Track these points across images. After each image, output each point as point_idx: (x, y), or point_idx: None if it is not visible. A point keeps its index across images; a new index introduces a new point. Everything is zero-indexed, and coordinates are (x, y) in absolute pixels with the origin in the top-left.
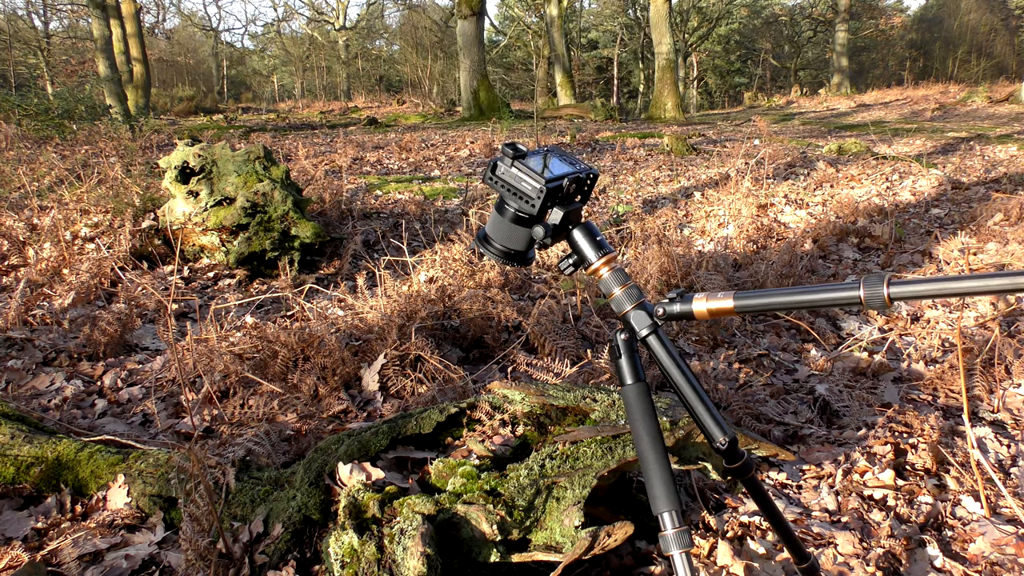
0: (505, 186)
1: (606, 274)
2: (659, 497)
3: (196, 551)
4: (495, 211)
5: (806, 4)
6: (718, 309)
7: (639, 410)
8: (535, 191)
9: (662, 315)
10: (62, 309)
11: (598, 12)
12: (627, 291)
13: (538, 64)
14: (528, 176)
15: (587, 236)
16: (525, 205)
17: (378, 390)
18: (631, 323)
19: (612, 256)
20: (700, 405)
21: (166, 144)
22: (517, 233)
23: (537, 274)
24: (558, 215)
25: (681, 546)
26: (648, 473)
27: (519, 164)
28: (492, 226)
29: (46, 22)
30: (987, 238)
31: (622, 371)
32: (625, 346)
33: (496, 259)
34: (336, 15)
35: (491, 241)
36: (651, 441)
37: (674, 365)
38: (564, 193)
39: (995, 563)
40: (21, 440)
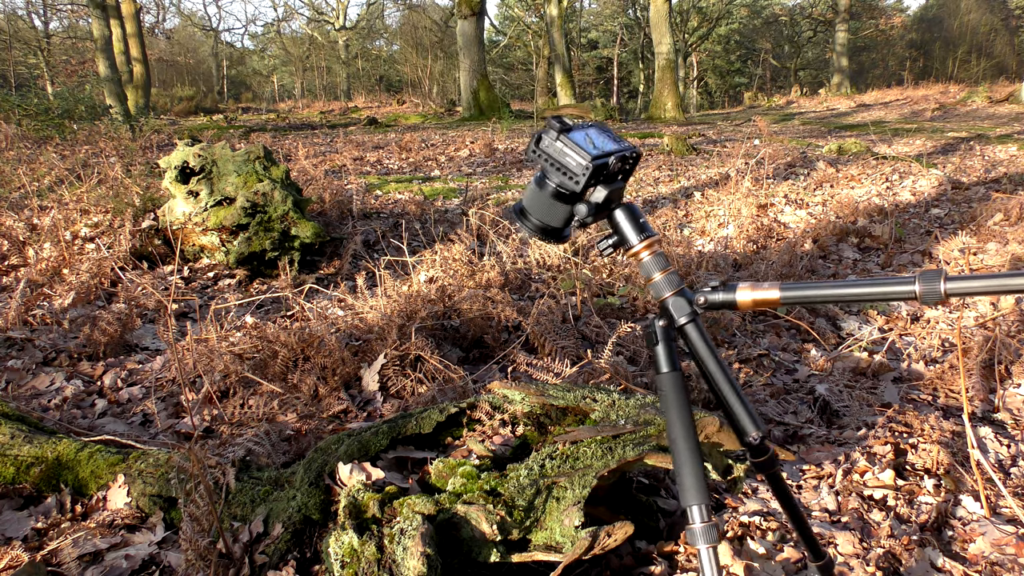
0: (548, 160)
1: (647, 258)
2: (689, 489)
3: (196, 551)
4: (534, 184)
5: (806, 4)
6: (763, 300)
7: (674, 399)
8: (580, 167)
9: (703, 304)
10: (62, 309)
11: (598, 12)
12: (667, 277)
13: (538, 64)
14: (574, 151)
15: (629, 217)
16: (568, 181)
17: (378, 390)
18: (670, 310)
19: (654, 239)
20: (735, 398)
21: (166, 144)
22: (556, 209)
23: (537, 274)
24: (601, 194)
25: (708, 541)
26: (679, 464)
27: (565, 138)
28: (530, 200)
29: (46, 22)
30: (987, 238)
31: (659, 358)
32: (663, 333)
33: (532, 234)
34: (336, 15)
35: (528, 215)
36: (684, 432)
37: (710, 355)
38: (609, 171)
39: (995, 563)
40: (21, 440)
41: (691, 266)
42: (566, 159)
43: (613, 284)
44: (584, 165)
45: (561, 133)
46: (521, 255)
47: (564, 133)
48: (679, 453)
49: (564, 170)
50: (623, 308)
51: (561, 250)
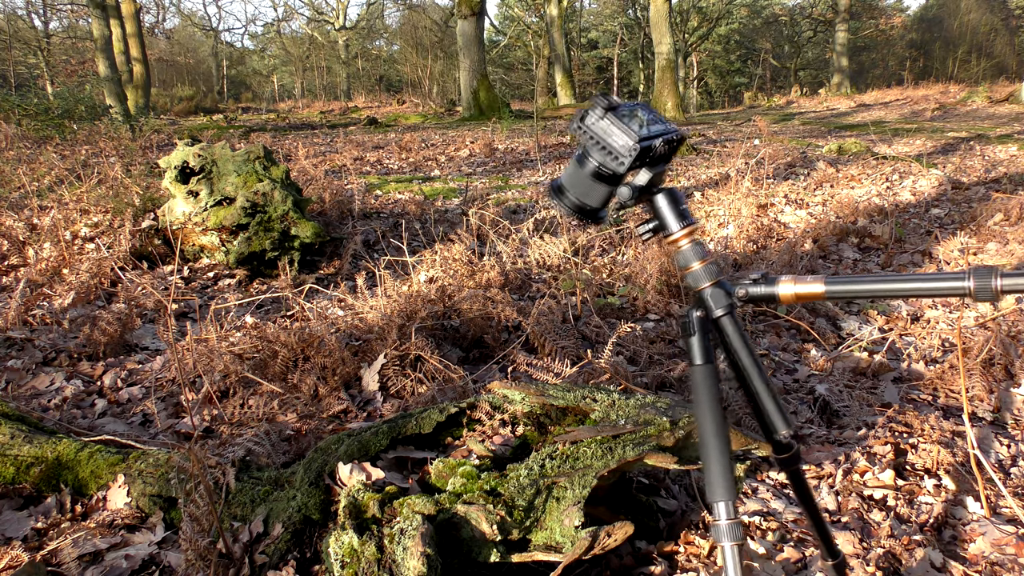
0: (592, 138)
1: (686, 246)
2: (715, 485)
3: (196, 551)
4: (574, 162)
5: (806, 4)
6: (806, 294)
7: (706, 392)
8: (626, 148)
9: (743, 296)
10: (62, 309)
11: (598, 12)
12: (706, 267)
13: (538, 64)
14: (620, 131)
15: (671, 203)
16: (612, 161)
17: (378, 390)
18: (707, 301)
19: (695, 227)
20: (767, 394)
21: (166, 144)
22: (596, 189)
23: (537, 274)
24: (645, 177)
25: (733, 538)
26: (707, 459)
27: (611, 117)
28: (569, 177)
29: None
30: (987, 238)
31: (693, 350)
32: (699, 324)
33: (567, 212)
34: (336, 15)
35: (565, 193)
36: (715, 426)
37: (745, 349)
38: (654, 154)
39: (995, 563)
40: (21, 440)
41: None
42: (611, 139)
43: (613, 284)
44: (630, 146)
45: (608, 111)
46: (521, 255)
47: (610, 111)
48: (708, 448)
49: (608, 150)
50: (623, 308)
51: (561, 250)
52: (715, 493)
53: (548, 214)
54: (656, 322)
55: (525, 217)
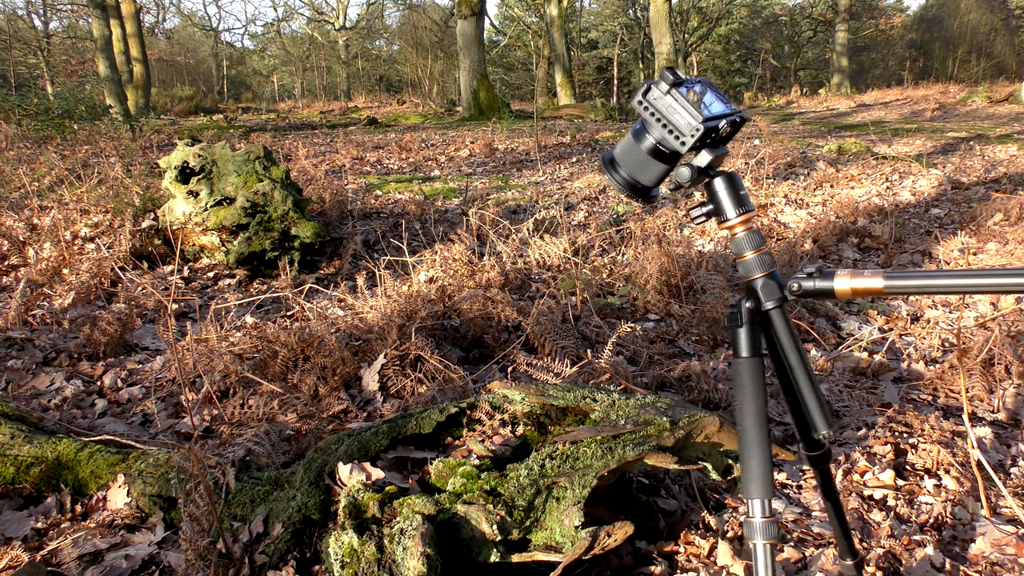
0: (653, 113)
1: (741, 233)
2: (754, 482)
3: (196, 551)
4: (631, 136)
5: (806, 4)
6: (864, 289)
7: (751, 386)
8: (689, 127)
9: (796, 290)
10: (62, 309)
11: (598, 12)
12: (760, 257)
13: (538, 64)
14: (685, 108)
15: (729, 187)
16: (673, 140)
17: (378, 390)
18: (758, 292)
19: (752, 215)
20: (810, 391)
21: (166, 144)
22: (651, 167)
23: (537, 274)
24: (705, 158)
25: (767, 537)
26: (746, 455)
27: (676, 92)
28: (624, 152)
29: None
30: (987, 238)
31: (740, 341)
32: (749, 315)
33: (618, 188)
34: (336, 15)
35: (617, 167)
36: (757, 422)
37: (792, 345)
38: (717, 135)
39: (995, 563)
40: (21, 440)
41: (691, 266)
42: (675, 116)
43: (613, 284)
44: (694, 126)
45: (673, 87)
46: (521, 255)
47: (676, 87)
48: (748, 443)
49: (670, 127)
50: (623, 308)
51: (561, 250)
52: (752, 489)
53: (548, 214)
54: (656, 322)
55: (525, 217)
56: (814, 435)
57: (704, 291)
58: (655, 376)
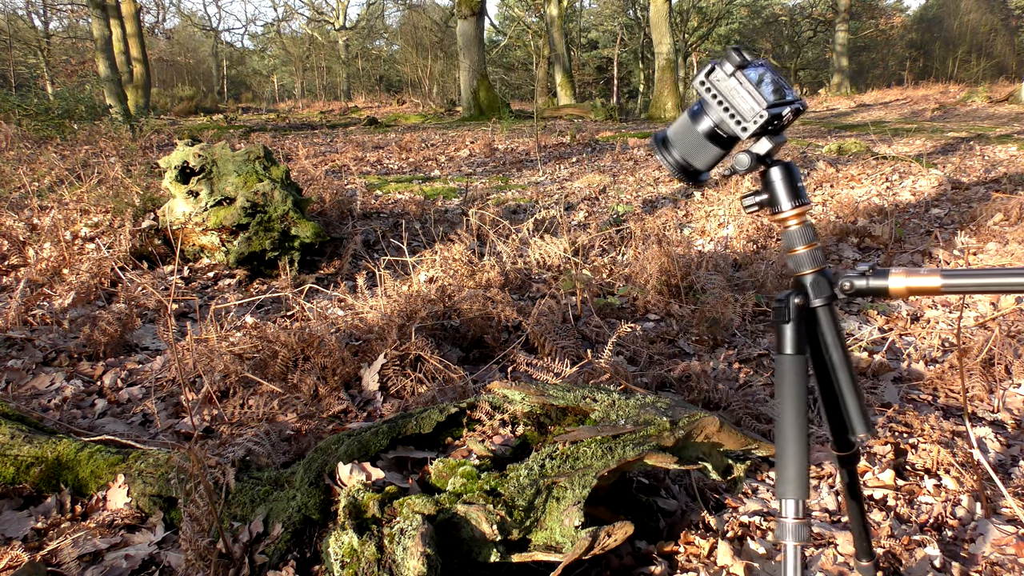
0: (715, 95)
1: (794, 226)
2: (789, 482)
3: (196, 551)
4: (687, 116)
5: (806, 4)
6: (921, 288)
7: (793, 385)
8: (753, 113)
9: (848, 289)
10: (62, 309)
11: (598, 12)
12: (812, 252)
13: (538, 64)
14: (749, 92)
15: (787, 178)
16: (733, 125)
17: (378, 390)
18: (807, 288)
19: (807, 208)
20: (851, 394)
21: (166, 144)
22: (706, 150)
23: (537, 274)
24: (765, 146)
25: (798, 538)
26: (783, 454)
27: (741, 75)
28: (678, 132)
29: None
30: (987, 238)
31: (785, 337)
32: (796, 311)
33: (669, 168)
34: (336, 15)
35: (670, 148)
36: (796, 421)
37: (837, 344)
38: (780, 123)
39: (995, 563)
40: (21, 440)
41: (691, 266)
42: (738, 99)
43: (613, 284)
44: (758, 111)
45: (739, 68)
46: (521, 255)
47: (741, 69)
48: (786, 442)
49: (732, 110)
50: (623, 308)
51: (561, 250)
52: (786, 489)
53: (548, 214)
54: (656, 322)
55: (525, 217)
56: (851, 437)
57: (704, 291)
58: (655, 376)
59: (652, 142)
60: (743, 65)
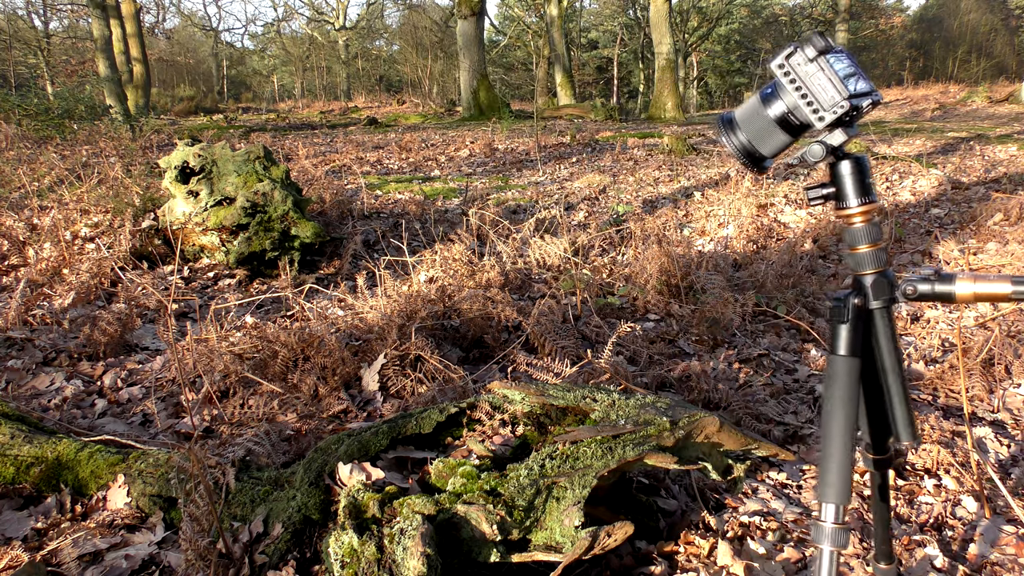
0: (792, 79)
1: (859, 224)
2: (831, 486)
3: (196, 551)
4: (758, 99)
5: (806, 4)
6: (989, 294)
7: (844, 387)
8: (832, 103)
9: (912, 293)
10: (62, 309)
11: (598, 12)
12: (876, 252)
13: (538, 64)
14: (831, 80)
15: (857, 173)
16: (809, 112)
17: (378, 390)
18: (867, 288)
19: (875, 206)
20: (900, 400)
21: (166, 144)
22: (774, 137)
23: (537, 274)
24: (840, 137)
25: (836, 544)
26: (828, 457)
27: (823, 62)
28: (746, 114)
29: (46, 22)
30: (987, 238)
31: (840, 338)
32: (855, 312)
33: (733, 150)
34: (336, 15)
35: (736, 129)
36: (844, 425)
37: (891, 348)
38: (858, 114)
39: (995, 563)
40: (21, 440)
41: (691, 266)
42: (816, 87)
43: (613, 284)
44: (838, 101)
45: (821, 54)
46: (521, 255)
47: (824, 55)
48: (832, 445)
49: (810, 98)
50: (623, 308)
51: (561, 250)
52: (828, 493)
53: (548, 214)
54: (656, 322)
55: (525, 217)
56: (896, 444)
57: (704, 291)
58: (655, 376)
59: (717, 122)
60: (826, 50)
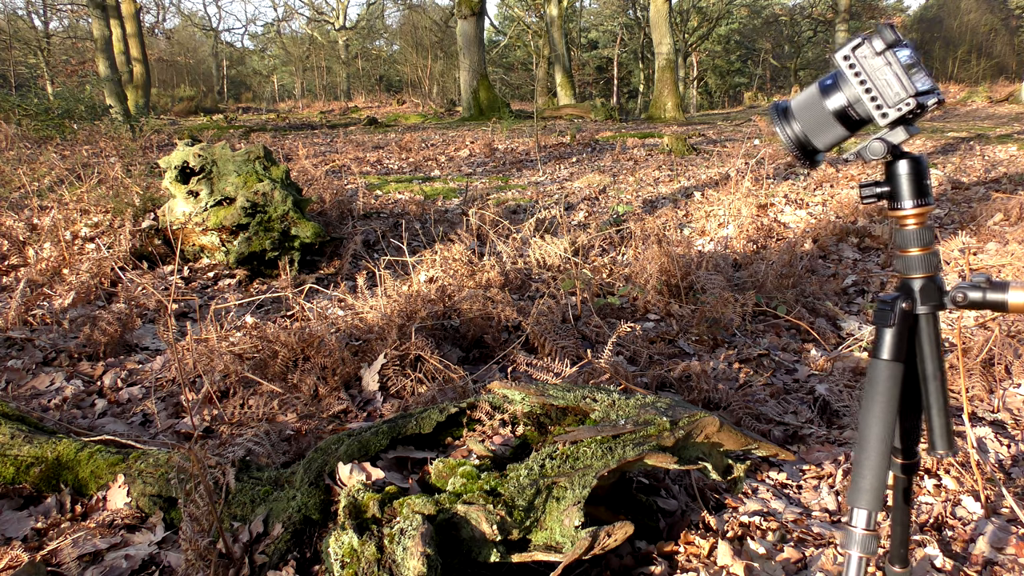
0: (856, 71)
1: (912, 226)
2: (864, 492)
3: (196, 551)
4: (816, 89)
5: (806, 4)
6: None
7: (884, 392)
8: (897, 98)
9: (962, 301)
10: (62, 309)
11: (598, 12)
12: (927, 256)
13: (538, 64)
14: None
15: (914, 173)
16: (871, 107)
17: (378, 390)
18: (915, 293)
19: (930, 209)
20: (939, 409)
21: (166, 144)
22: (831, 130)
23: (537, 274)
24: (901, 136)
25: (865, 550)
26: (862, 462)
27: (892, 55)
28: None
29: (46, 22)
30: (987, 238)
31: (884, 342)
32: (902, 317)
33: (785, 141)
34: (336, 15)
35: (791, 119)
36: (882, 431)
37: (934, 354)
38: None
39: (995, 563)
40: (21, 440)
41: (691, 266)
42: (881, 81)
43: (613, 284)
44: (904, 98)
45: (890, 47)
46: (521, 255)
47: (892, 48)
48: (867, 451)
49: (874, 93)
50: (623, 308)
51: (561, 250)
52: (860, 499)
53: (548, 214)
54: (656, 322)
55: (525, 217)
56: (931, 452)
57: (704, 291)
58: (655, 376)
59: (771, 111)
60: (895, 44)
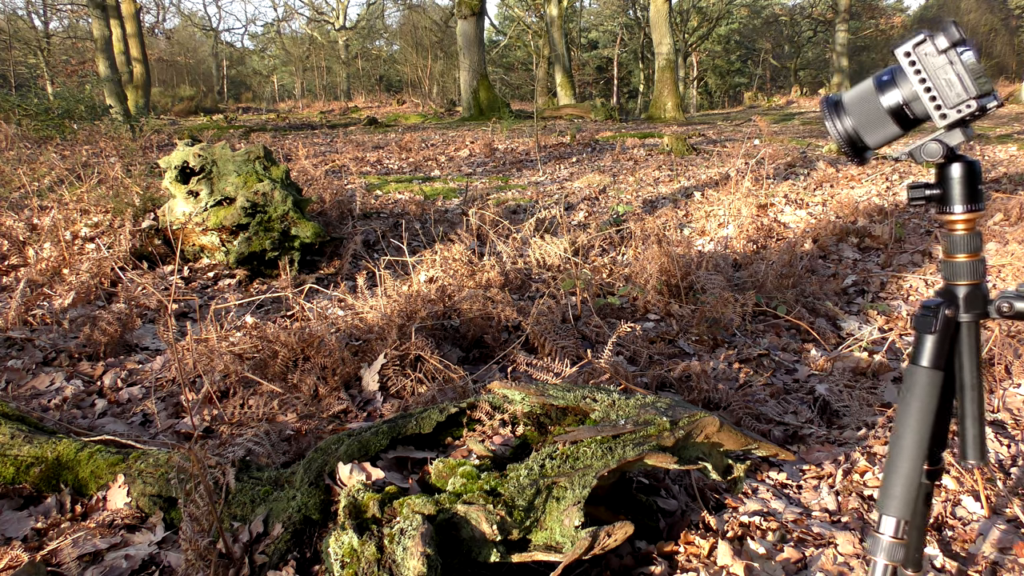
0: (916, 69)
1: (961, 231)
2: (894, 498)
3: (196, 551)
4: (872, 84)
5: (806, 4)
6: None
7: (922, 399)
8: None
9: (1007, 311)
10: (62, 309)
11: (598, 12)
12: (974, 263)
13: (538, 64)
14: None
15: (968, 177)
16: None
17: (378, 390)
18: (959, 300)
19: (980, 214)
20: (975, 418)
21: (166, 144)
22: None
23: (537, 274)
24: (958, 138)
25: (891, 558)
26: (894, 469)
27: (954, 55)
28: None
29: (46, 22)
30: (987, 238)
31: (924, 348)
32: (944, 324)
33: (835, 136)
34: (336, 15)
35: (843, 114)
36: (916, 439)
37: (973, 364)
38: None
39: (995, 563)
40: (21, 440)
41: (691, 266)
42: (943, 81)
43: (613, 284)
44: (965, 100)
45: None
46: (521, 255)
47: (956, 47)
48: (900, 457)
49: (933, 92)
50: (623, 308)
51: (561, 250)
52: (890, 506)
53: (548, 214)
54: (656, 322)
55: (525, 217)
56: (961, 462)
57: (704, 291)
58: (655, 376)
59: (822, 103)
60: (959, 43)
